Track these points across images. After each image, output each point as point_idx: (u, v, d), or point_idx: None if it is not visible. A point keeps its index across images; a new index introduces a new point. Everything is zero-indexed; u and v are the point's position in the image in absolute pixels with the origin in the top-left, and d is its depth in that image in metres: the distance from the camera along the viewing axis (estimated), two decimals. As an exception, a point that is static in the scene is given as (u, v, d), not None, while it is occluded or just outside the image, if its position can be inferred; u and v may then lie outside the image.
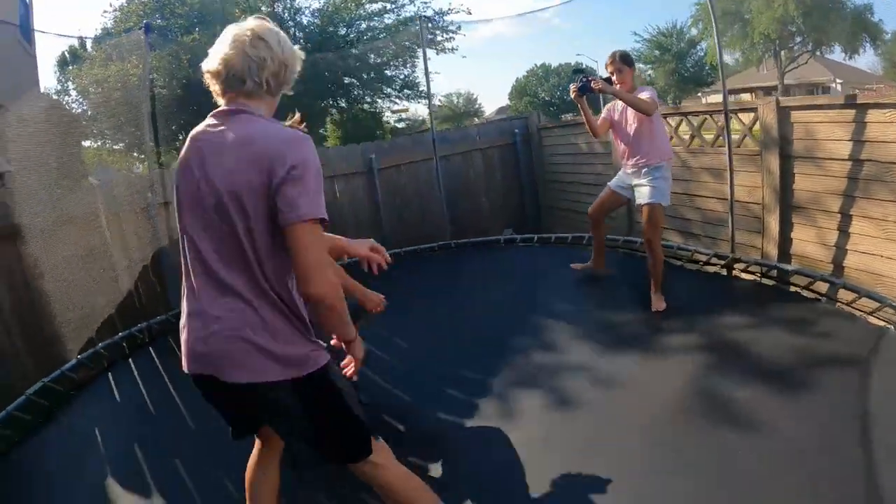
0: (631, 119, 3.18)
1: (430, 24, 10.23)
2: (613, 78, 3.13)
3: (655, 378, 2.54)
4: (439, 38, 10.69)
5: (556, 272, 4.05)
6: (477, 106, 37.35)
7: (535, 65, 31.73)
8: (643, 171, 3.17)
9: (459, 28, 10.39)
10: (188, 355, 1.37)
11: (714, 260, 3.81)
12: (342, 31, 11.19)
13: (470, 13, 11.01)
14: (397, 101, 12.51)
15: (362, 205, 5.70)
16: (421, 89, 11.40)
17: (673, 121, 4.50)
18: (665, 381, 2.47)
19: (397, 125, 16.84)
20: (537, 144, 6.73)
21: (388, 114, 14.26)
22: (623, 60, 3.14)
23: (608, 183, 3.49)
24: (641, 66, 28.41)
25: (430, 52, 11.32)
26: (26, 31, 6.86)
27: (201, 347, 1.33)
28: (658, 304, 3.20)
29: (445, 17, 10.89)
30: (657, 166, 3.14)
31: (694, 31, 24.61)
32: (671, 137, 4.41)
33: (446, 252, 5.18)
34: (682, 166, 4.39)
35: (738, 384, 2.34)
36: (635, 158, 3.20)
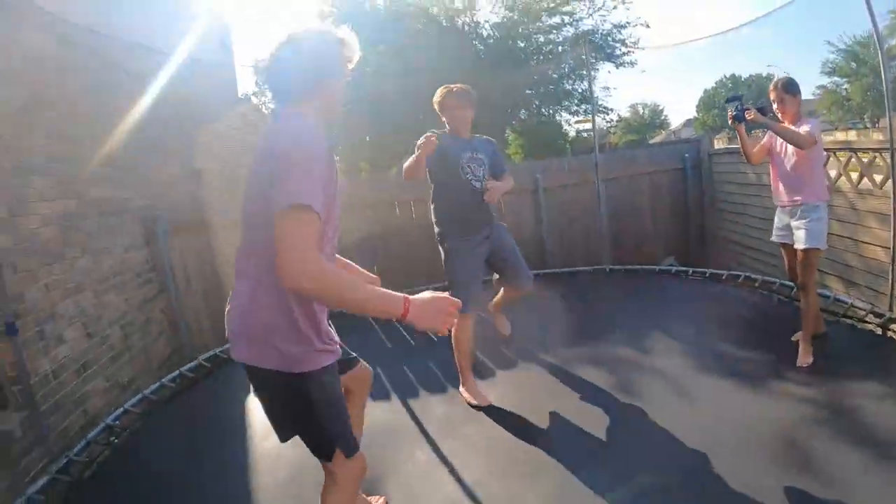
0: (790, 151, 3.02)
1: (609, 39, 10.24)
2: (774, 106, 3.02)
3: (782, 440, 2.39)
4: (619, 52, 10.61)
5: (701, 308, 4.08)
6: (662, 117, 35.59)
7: (724, 76, 29.66)
8: (800, 210, 3.02)
9: (637, 42, 10.15)
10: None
11: (870, 318, 3.52)
12: (521, 44, 11.62)
13: (648, 27, 10.74)
14: (576, 113, 12.72)
15: (527, 223, 6.01)
16: (599, 104, 11.48)
17: (843, 156, 4.14)
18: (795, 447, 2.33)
19: (583, 134, 16.98)
20: (707, 170, 6.48)
21: (568, 126, 14.54)
22: (785, 89, 2.99)
23: (773, 237, 3.30)
24: (837, 79, 24.65)
25: (609, 66, 11.40)
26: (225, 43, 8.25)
27: (227, 325, 1.48)
28: (804, 357, 3.05)
29: (623, 31, 10.73)
30: (815, 206, 2.99)
31: (893, 42, 20.80)
32: (839, 175, 4.13)
33: (599, 276, 5.37)
34: (849, 208, 4.06)
35: (871, 466, 2.13)
36: (791, 196, 3.06)
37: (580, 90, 11.25)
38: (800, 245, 3.02)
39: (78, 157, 3.41)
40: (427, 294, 1.32)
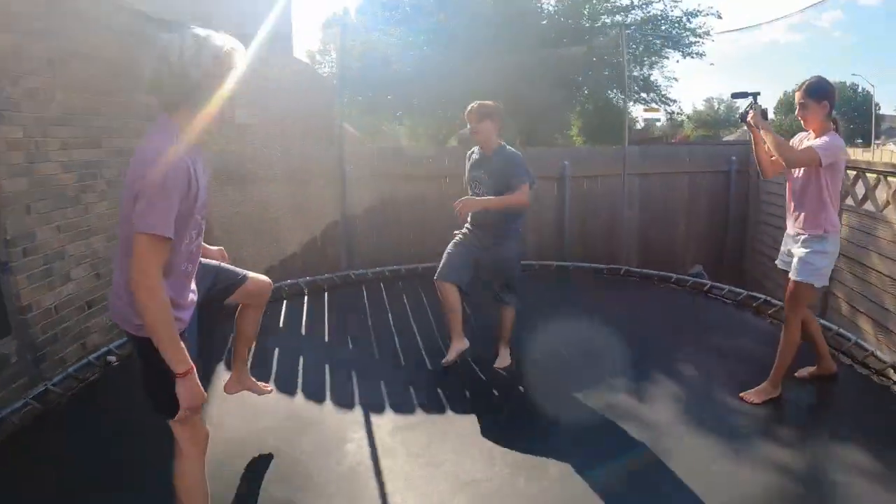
0: (801, 169, 2.64)
1: (677, 26, 9.66)
2: (797, 112, 2.66)
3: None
4: (691, 41, 9.99)
5: (705, 330, 3.86)
6: (737, 115, 33.56)
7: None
8: (802, 238, 2.70)
9: (709, 34, 9.51)
10: None
11: (892, 373, 3.12)
12: (586, 25, 11.16)
13: (720, 17, 10.01)
14: (640, 101, 12.22)
15: (549, 211, 5.87)
16: (663, 94, 10.95)
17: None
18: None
19: (651, 123, 16.34)
20: (754, 178, 6.07)
21: (636, 113, 14.02)
22: (810, 92, 2.56)
23: (777, 261, 2.96)
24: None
25: (677, 55, 10.77)
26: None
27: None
28: (757, 395, 2.78)
29: (693, 19, 10.07)
30: (819, 237, 2.63)
31: None
32: (887, 203, 3.73)
33: (609, 276, 5.22)
34: (892, 240, 3.65)
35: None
36: (795, 219, 2.73)
37: (642, 76, 10.73)
38: (792, 274, 2.74)
39: (105, 110, 3.64)
40: (196, 391, 1.55)
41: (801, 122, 2.67)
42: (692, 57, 10.39)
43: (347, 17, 14.14)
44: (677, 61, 11.77)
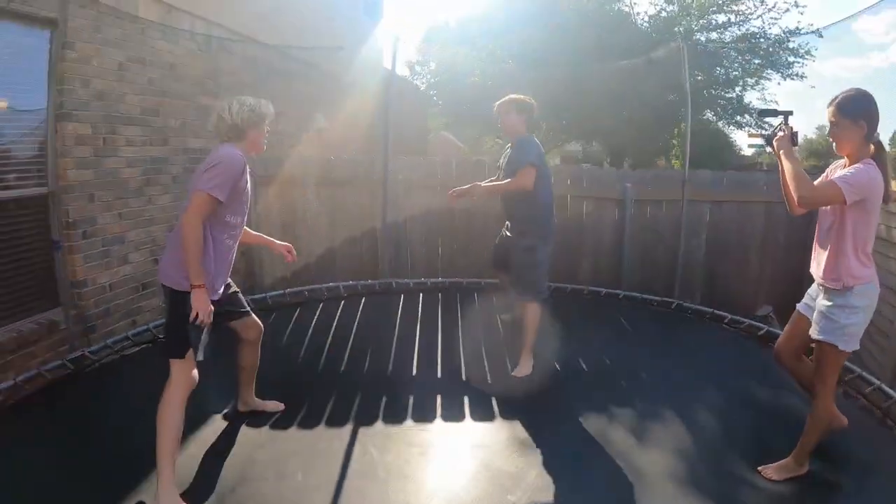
0: (831, 209, 2.16)
1: (778, 46, 8.91)
2: (827, 132, 2.20)
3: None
4: (790, 61, 9.19)
5: (741, 384, 3.29)
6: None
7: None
8: (826, 289, 2.21)
9: (809, 53, 8.68)
10: None
11: None
12: (679, 40, 10.65)
13: (821, 36, 9.04)
14: (739, 125, 11.44)
15: (607, 235, 5.56)
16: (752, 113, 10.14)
17: None
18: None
19: (756, 149, 15.31)
20: None
21: (741, 139, 13.17)
22: (843, 109, 2.08)
23: (798, 305, 2.45)
24: None
25: (777, 77, 9.92)
26: (373, 9, 8.81)
27: None
28: (776, 472, 2.34)
29: (792, 38, 9.23)
30: (846, 290, 2.13)
31: None
32: None
33: (658, 309, 4.86)
34: None
35: None
36: (819, 265, 2.23)
37: (736, 98, 9.93)
38: (812, 331, 2.24)
39: (177, 112, 4.05)
40: (207, 302, 2.08)
41: (834, 146, 2.18)
42: (791, 79, 9.51)
43: (447, 30, 14.48)
44: (779, 83, 10.82)
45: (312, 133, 6.68)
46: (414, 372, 3.42)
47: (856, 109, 2.07)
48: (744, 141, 16.07)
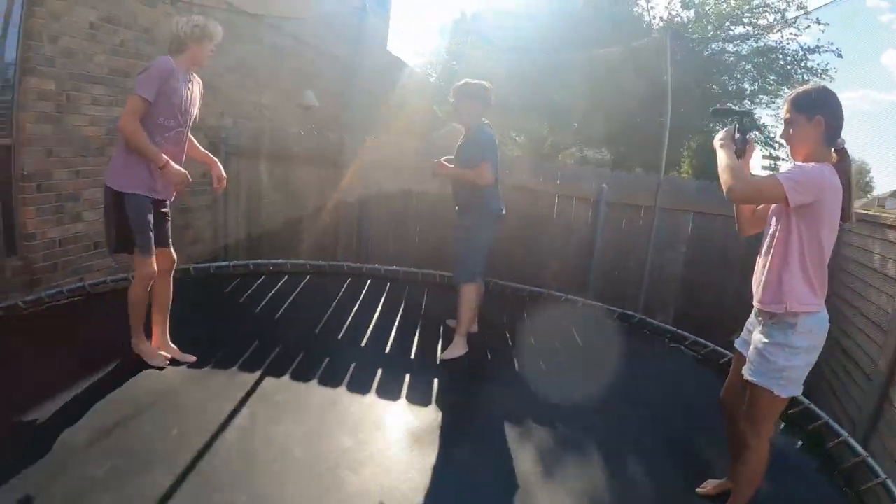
0: (775, 216, 1.86)
1: (795, 63, 8.69)
2: (781, 133, 1.91)
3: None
4: (806, 79, 8.95)
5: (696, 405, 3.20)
6: (868, 178, 28.56)
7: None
8: (764, 321, 1.89)
9: (826, 72, 8.42)
10: None
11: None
12: (691, 45, 10.42)
13: (841, 56, 8.76)
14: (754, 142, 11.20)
15: (578, 237, 5.39)
16: (770, 136, 9.90)
17: None
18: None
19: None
20: (842, 235, 5.12)
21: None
22: (796, 104, 1.80)
23: (735, 341, 2.11)
24: None
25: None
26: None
27: None
28: None
29: (810, 56, 8.97)
30: (787, 324, 1.79)
31: None
32: None
33: (614, 322, 4.52)
34: None
35: None
36: (759, 284, 1.90)
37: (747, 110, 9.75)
38: (745, 372, 1.90)
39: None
40: (180, 169, 2.48)
41: (788, 146, 1.88)
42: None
43: (464, 21, 14.35)
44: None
45: (299, 108, 6.69)
46: (343, 350, 3.36)
47: (812, 103, 1.78)
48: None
